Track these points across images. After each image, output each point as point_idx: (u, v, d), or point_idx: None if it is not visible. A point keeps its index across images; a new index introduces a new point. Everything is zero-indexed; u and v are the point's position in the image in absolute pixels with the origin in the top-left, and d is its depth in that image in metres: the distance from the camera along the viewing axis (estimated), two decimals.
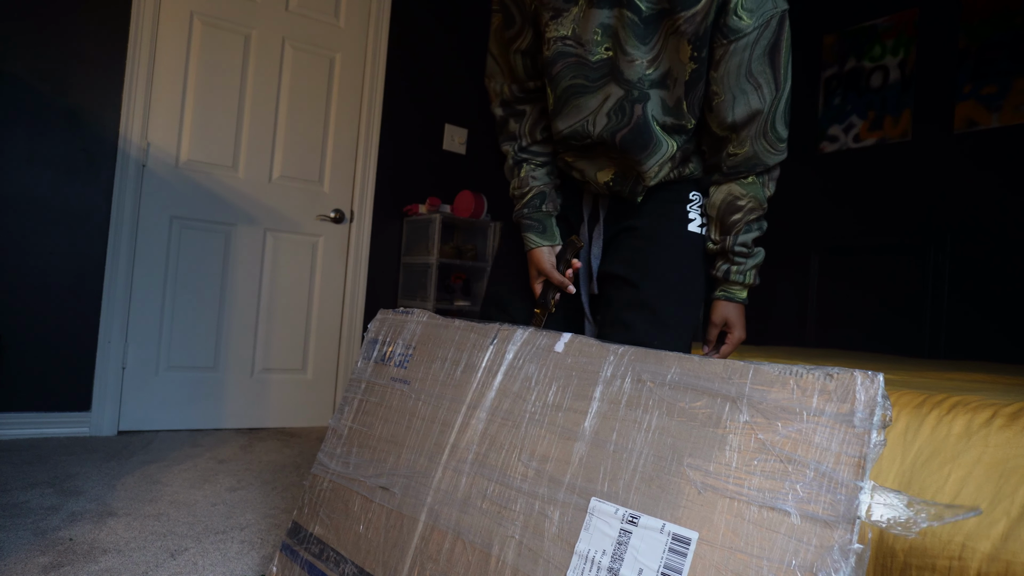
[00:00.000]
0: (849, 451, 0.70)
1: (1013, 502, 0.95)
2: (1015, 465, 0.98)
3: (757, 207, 1.16)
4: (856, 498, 0.67)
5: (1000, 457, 1.00)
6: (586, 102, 1.11)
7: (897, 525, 0.67)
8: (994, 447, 1.01)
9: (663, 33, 1.05)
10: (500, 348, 1.10)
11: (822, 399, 0.74)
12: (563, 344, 1.02)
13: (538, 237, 1.22)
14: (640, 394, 0.89)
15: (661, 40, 1.05)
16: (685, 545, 0.76)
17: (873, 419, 0.70)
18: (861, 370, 0.73)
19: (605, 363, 0.95)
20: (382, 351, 1.32)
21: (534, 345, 1.05)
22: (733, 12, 1.01)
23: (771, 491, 0.73)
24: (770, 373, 0.79)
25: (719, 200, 1.18)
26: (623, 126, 1.10)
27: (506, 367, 1.07)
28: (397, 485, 1.12)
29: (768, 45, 1.04)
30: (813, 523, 0.69)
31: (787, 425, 0.75)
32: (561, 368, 0.99)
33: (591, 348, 0.98)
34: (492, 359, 1.10)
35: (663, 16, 1.03)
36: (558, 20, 1.07)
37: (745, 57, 1.04)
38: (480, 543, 0.94)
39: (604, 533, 0.83)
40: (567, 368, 0.99)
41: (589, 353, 0.98)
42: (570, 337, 1.02)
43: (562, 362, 1.00)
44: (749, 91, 1.08)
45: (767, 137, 1.11)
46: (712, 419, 0.81)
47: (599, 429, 0.90)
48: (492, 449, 1.01)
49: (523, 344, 1.07)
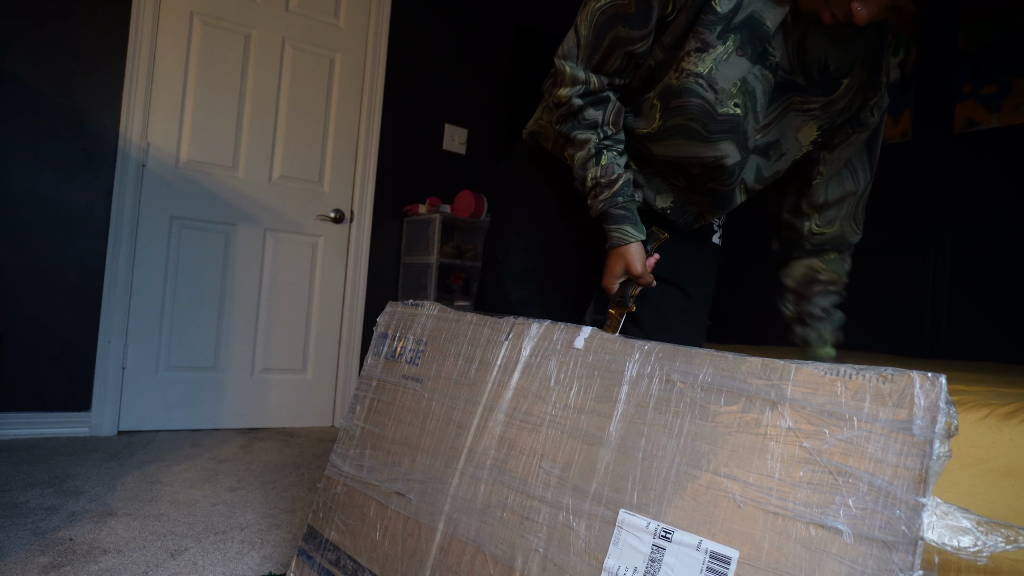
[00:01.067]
0: (908, 463, 0.62)
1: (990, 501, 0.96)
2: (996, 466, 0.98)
3: (837, 280, 1.20)
4: (918, 516, 0.60)
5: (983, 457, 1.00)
6: (690, 148, 1.01)
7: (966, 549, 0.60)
8: (978, 447, 1.01)
9: (783, 106, 1.01)
10: (515, 344, 1.03)
11: (875, 404, 0.66)
12: (583, 340, 0.95)
13: (634, 230, 1.05)
14: (670, 396, 0.82)
15: (779, 111, 1.01)
16: (725, 565, 0.69)
17: (936, 427, 0.62)
18: (920, 372, 0.64)
19: (630, 361, 0.88)
20: (392, 347, 1.27)
21: (551, 341, 0.99)
22: (871, 109, 1.04)
23: (820, 506, 0.65)
24: (815, 374, 0.71)
25: (800, 274, 1.22)
26: (723, 185, 1.06)
27: (523, 365, 1.01)
28: (413, 491, 1.08)
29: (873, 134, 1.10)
30: (869, 544, 0.61)
31: (836, 432, 0.67)
32: (583, 366, 0.93)
33: (614, 345, 0.91)
34: (508, 356, 1.03)
35: (789, 88, 0.99)
36: (701, 55, 0.94)
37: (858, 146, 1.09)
38: (502, 556, 0.89)
39: (635, 549, 0.76)
40: (589, 367, 0.92)
41: (612, 350, 0.91)
42: (590, 332, 0.95)
43: (583, 360, 0.93)
44: (846, 175, 1.11)
45: (856, 219, 1.16)
46: (751, 424, 0.74)
47: (626, 434, 0.84)
48: (511, 455, 0.95)
49: (540, 340, 1.00)
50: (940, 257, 3.10)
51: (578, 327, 0.96)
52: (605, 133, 1.05)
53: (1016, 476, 0.97)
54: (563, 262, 1.24)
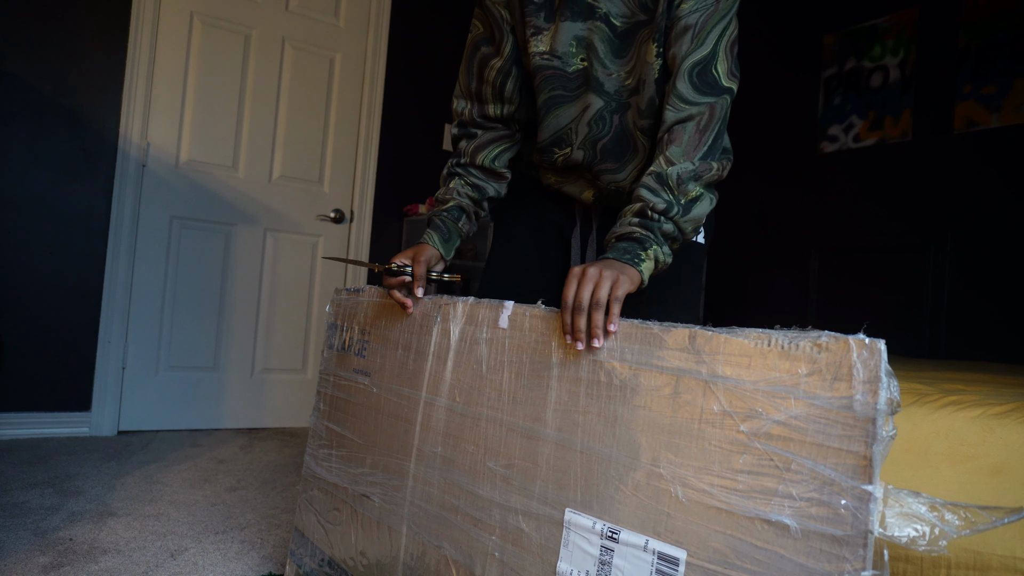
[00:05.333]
0: (851, 446, 0.56)
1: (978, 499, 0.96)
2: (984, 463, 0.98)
3: None
4: (865, 506, 0.54)
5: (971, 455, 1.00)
6: (566, 111, 1.14)
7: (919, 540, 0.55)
8: (968, 445, 1.01)
9: (638, 43, 1.08)
10: (445, 328, 1.01)
11: (812, 379, 0.59)
12: (506, 318, 0.91)
13: (438, 239, 1.17)
14: (599, 377, 0.77)
15: (636, 50, 1.08)
16: (673, 566, 0.66)
17: (877, 403, 0.55)
18: (856, 337, 0.58)
19: (555, 339, 0.83)
20: (341, 338, 1.25)
21: (477, 321, 0.95)
22: (678, 5, 1.03)
23: (763, 497, 0.61)
24: (746, 345, 0.64)
25: None
26: (603, 135, 1.13)
27: (454, 352, 0.98)
28: (376, 493, 1.07)
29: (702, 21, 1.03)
30: (818, 538, 0.57)
31: (772, 414, 0.61)
32: (511, 349, 0.89)
33: (538, 322, 0.86)
34: (439, 342, 1.01)
35: (638, 28, 1.06)
36: (538, 37, 1.11)
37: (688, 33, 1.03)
38: (463, 560, 0.88)
39: (584, 551, 0.74)
40: (517, 348, 0.88)
41: (536, 328, 0.86)
42: (513, 307, 0.91)
43: (511, 341, 0.89)
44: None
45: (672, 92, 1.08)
46: (684, 408, 0.68)
47: (562, 425, 0.80)
48: (457, 451, 0.93)
49: (466, 321, 0.97)
50: (940, 256, 3.10)
51: (501, 303, 0.93)
52: (460, 161, 1.23)
53: (1004, 473, 0.97)
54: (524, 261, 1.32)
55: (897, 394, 0.56)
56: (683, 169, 0.98)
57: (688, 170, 0.98)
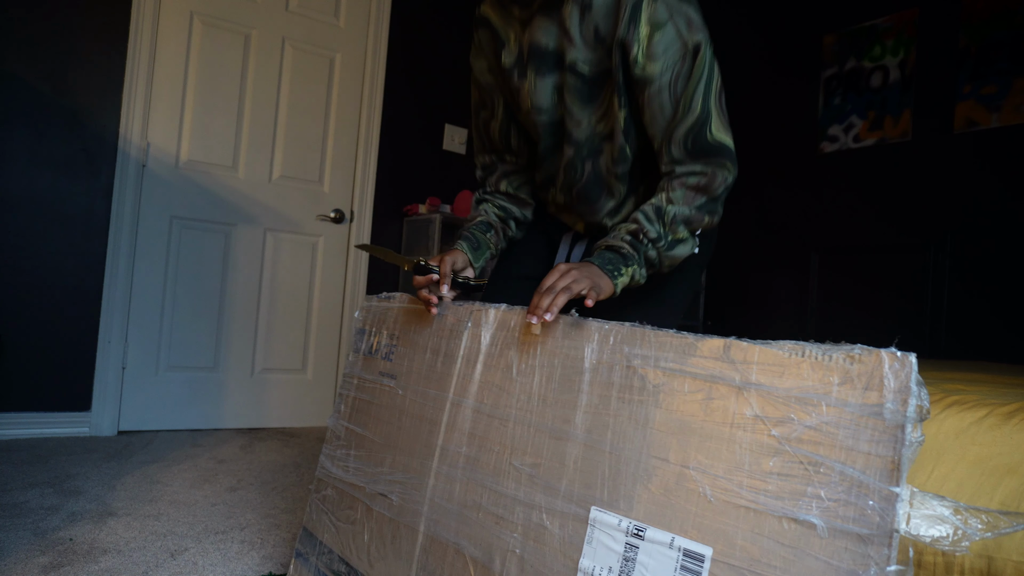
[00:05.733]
0: (880, 450, 0.59)
1: (992, 499, 0.96)
2: (998, 463, 0.98)
3: None
4: (892, 507, 0.57)
5: (984, 455, 1.00)
6: (552, 158, 1.24)
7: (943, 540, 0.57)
8: (979, 445, 1.01)
9: (608, 91, 1.11)
10: (475, 333, 1.02)
11: (844, 387, 0.62)
12: (539, 324, 0.93)
13: (466, 246, 1.24)
14: (632, 383, 0.79)
15: (607, 98, 1.12)
16: (699, 563, 0.67)
17: (907, 410, 0.58)
18: (888, 350, 0.61)
19: (589, 346, 0.86)
20: (369, 342, 1.27)
21: (509, 327, 0.97)
22: (635, 65, 1.04)
23: (792, 498, 0.63)
24: (779, 355, 0.68)
25: None
26: (577, 181, 1.22)
27: (484, 355, 0.99)
28: (395, 492, 1.08)
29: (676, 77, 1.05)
30: (844, 537, 0.59)
31: (804, 419, 0.64)
32: (543, 353, 0.91)
33: (571, 328, 0.89)
34: (469, 346, 1.03)
35: (608, 75, 1.10)
36: (519, 96, 1.20)
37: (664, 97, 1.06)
38: (481, 557, 0.89)
39: (608, 548, 0.75)
40: (549, 354, 0.90)
41: (570, 334, 0.89)
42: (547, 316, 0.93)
43: (543, 346, 0.91)
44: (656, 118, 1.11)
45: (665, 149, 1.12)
46: (716, 412, 0.71)
47: (591, 427, 0.81)
48: (482, 451, 0.94)
49: (498, 327, 0.99)
50: (940, 257, 3.10)
51: None
52: (486, 191, 1.37)
53: (1018, 474, 0.97)
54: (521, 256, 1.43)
55: (927, 402, 0.59)
56: (679, 212, 1.06)
57: (684, 214, 1.06)
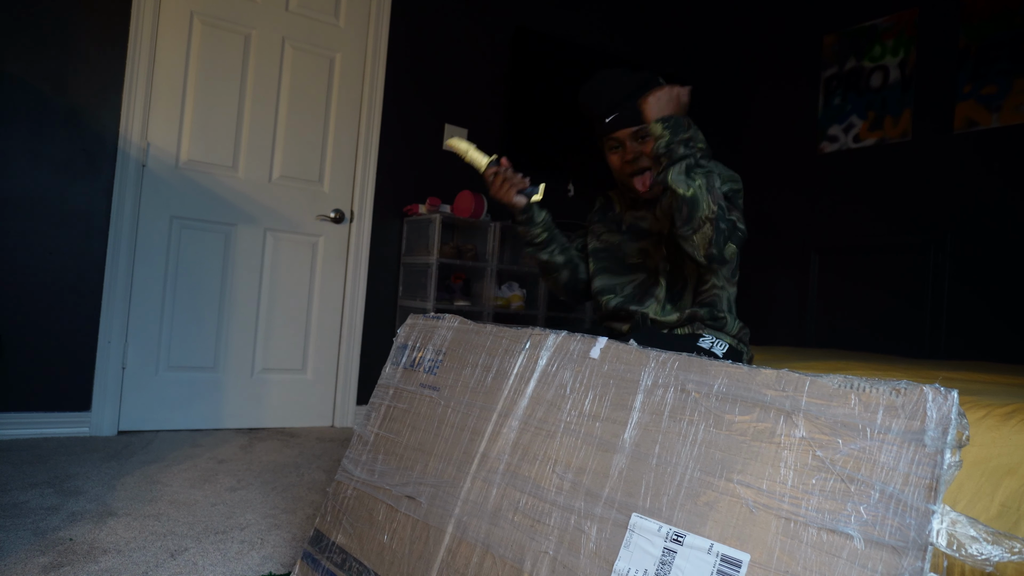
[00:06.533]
0: (919, 472, 0.64)
1: (993, 500, 0.95)
2: (997, 464, 0.98)
3: None
4: (928, 523, 0.62)
5: (983, 456, 1.00)
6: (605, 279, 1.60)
7: (972, 556, 0.62)
8: (978, 446, 1.01)
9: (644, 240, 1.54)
10: (532, 354, 1.06)
11: (888, 415, 0.68)
12: (599, 350, 0.98)
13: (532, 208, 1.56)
14: (685, 404, 0.84)
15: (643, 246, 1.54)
16: (736, 568, 0.71)
17: (947, 438, 0.64)
18: (932, 386, 0.67)
19: (645, 371, 0.90)
20: (412, 356, 1.29)
21: (568, 351, 1.02)
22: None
23: (831, 512, 0.67)
24: (828, 386, 0.73)
25: None
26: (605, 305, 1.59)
27: (539, 374, 1.03)
28: (424, 495, 1.08)
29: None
30: (879, 548, 0.63)
31: (849, 442, 0.69)
32: (598, 375, 0.95)
33: (629, 355, 0.94)
34: (524, 365, 1.06)
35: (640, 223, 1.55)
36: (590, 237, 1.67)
37: None
38: (511, 558, 0.90)
39: (646, 552, 0.78)
40: (604, 376, 0.94)
41: (627, 360, 0.93)
42: (606, 343, 0.98)
43: (599, 369, 0.96)
44: None
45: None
46: (765, 433, 0.76)
47: (640, 441, 0.85)
48: (525, 459, 0.97)
49: (556, 350, 1.03)
50: (940, 257, 3.10)
51: (594, 338, 1.00)
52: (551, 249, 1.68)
53: (1017, 475, 0.97)
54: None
55: (967, 430, 0.65)
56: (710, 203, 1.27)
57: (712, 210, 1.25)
